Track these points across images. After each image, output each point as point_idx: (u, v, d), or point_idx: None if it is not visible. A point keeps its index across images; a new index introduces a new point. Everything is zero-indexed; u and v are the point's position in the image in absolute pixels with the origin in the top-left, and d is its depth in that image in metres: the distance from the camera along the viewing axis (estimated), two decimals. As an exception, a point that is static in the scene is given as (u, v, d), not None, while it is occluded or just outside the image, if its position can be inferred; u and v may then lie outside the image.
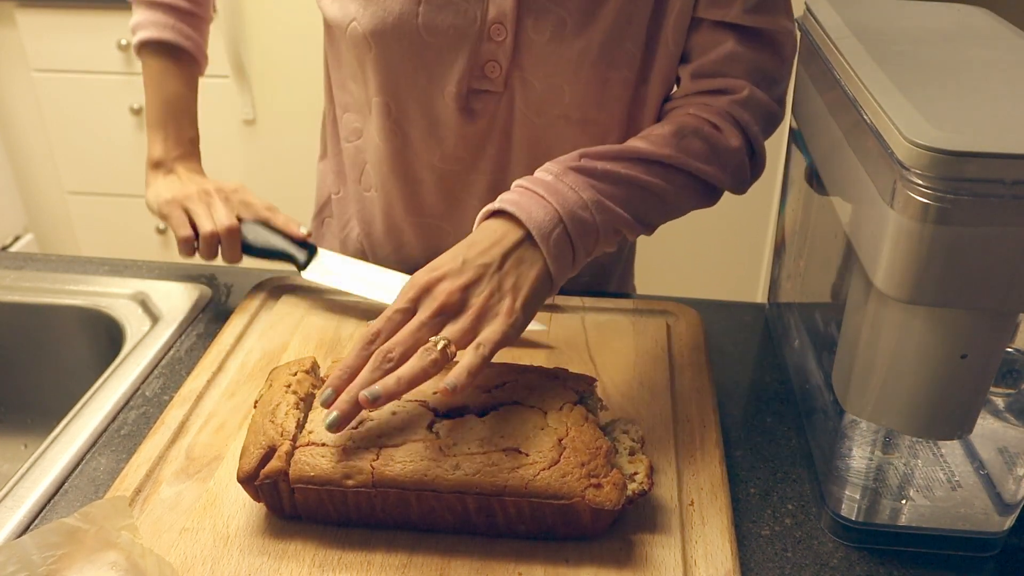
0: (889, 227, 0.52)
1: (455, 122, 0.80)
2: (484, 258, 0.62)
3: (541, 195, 0.64)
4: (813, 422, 0.71)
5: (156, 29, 0.86)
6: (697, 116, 0.75)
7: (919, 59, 0.63)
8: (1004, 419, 0.63)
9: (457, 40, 0.75)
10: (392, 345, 0.58)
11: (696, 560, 0.59)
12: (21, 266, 0.95)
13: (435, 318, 0.59)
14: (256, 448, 0.60)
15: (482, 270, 0.61)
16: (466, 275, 0.61)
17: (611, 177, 0.67)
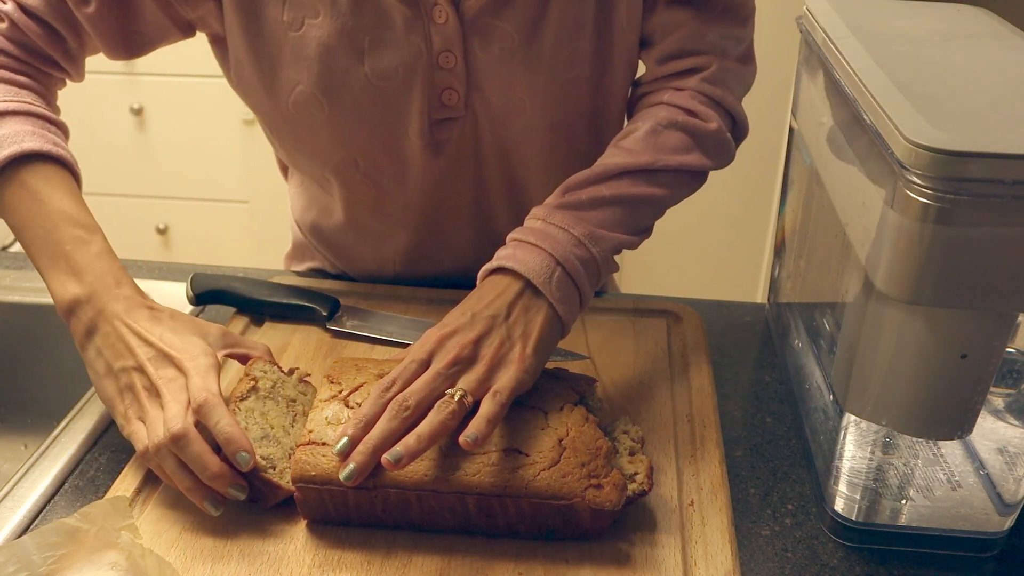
0: (889, 227, 0.52)
1: (425, 158, 0.79)
2: (491, 310, 0.62)
3: (533, 243, 0.65)
4: (813, 422, 0.71)
5: (41, 141, 0.69)
6: (670, 105, 0.75)
7: (919, 59, 0.63)
8: (1004, 419, 0.63)
9: (408, 78, 0.74)
10: (408, 394, 0.58)
11: (696, 560, 0.59)
12: (21, 266, 0.95)
13: (450, 368, 0.60)
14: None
15: (491, 322, 0.62)
16: (476, 328, 0.61)
17: (598, 202, 0.68)
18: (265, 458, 0.60)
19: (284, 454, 0.62)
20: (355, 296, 0.87)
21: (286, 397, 0.66)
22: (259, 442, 0.61)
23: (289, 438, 0.63)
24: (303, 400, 0.67)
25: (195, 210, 2.31)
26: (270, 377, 0.67)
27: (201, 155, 2.23)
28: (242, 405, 0.63)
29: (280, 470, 0.61)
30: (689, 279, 2.12)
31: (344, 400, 0.63)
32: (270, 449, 0.62)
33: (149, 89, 2.12)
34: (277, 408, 0.65)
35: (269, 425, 0.63)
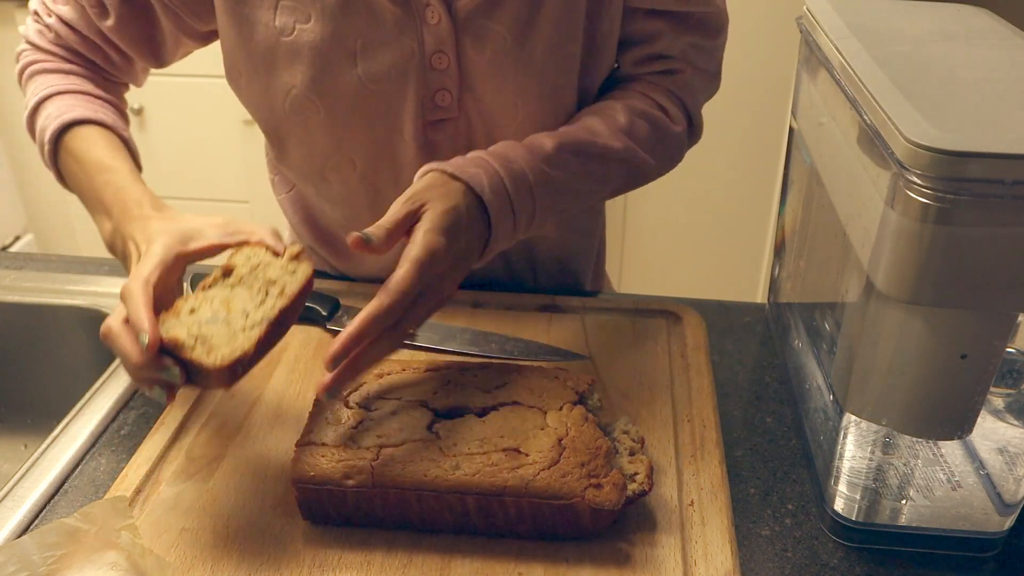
0: (889, 227, 0.52)
1: (419, 159, 0.78)
2: (463, 252, 0.64)
3: (497, 171, 0.68)
4: (813, 422, 0.71)
5: (81, 111, 0.76)
6: (645, 96, 0.79)
7: (919, 59, 0.63)
8: (1004, 419, 0.63)
9: (401, 80, 0.74)
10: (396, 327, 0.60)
11: (696, 560, 0.59)
12: (21, 266, 0.95)
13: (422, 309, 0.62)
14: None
15: (463, 265, 0.65)
16: (456, 272, 0.64)
17: (560, 164, 0.72)
18: (198, 337, 0.57)
19: (229, 335, 0.58)
20: (355, 296, 0.87)
21: (266, 279, 0.62)
22: (204, 324, 0.58)
23: (246, 319, 0.59)
24: (289, 280, 0.62)
25: (195, 210, 2.29)
26: (253, 262, 0.63)
27: (201, 155, 2.23)
28: (205, 293, 0.61)
29: (213, 349, 0.56)
30: (689, 279, 2.12)
31: (344, 400, 0.63)
32: (211, 329, 0.58)
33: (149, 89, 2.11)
34: (247, 292, 0.61)
35: (225, 309, 0.60)
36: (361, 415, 0.62)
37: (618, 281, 2.12)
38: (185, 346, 0.56)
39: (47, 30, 0.80)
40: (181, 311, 0.59)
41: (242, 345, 0.57)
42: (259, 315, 0.59)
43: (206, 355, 0.56)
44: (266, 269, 0.63)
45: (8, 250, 2.25)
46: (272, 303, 0.60)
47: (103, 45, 0.80)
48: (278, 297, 0.60)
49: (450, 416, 0.62)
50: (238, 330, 0.58)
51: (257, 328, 0.58)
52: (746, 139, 1.89)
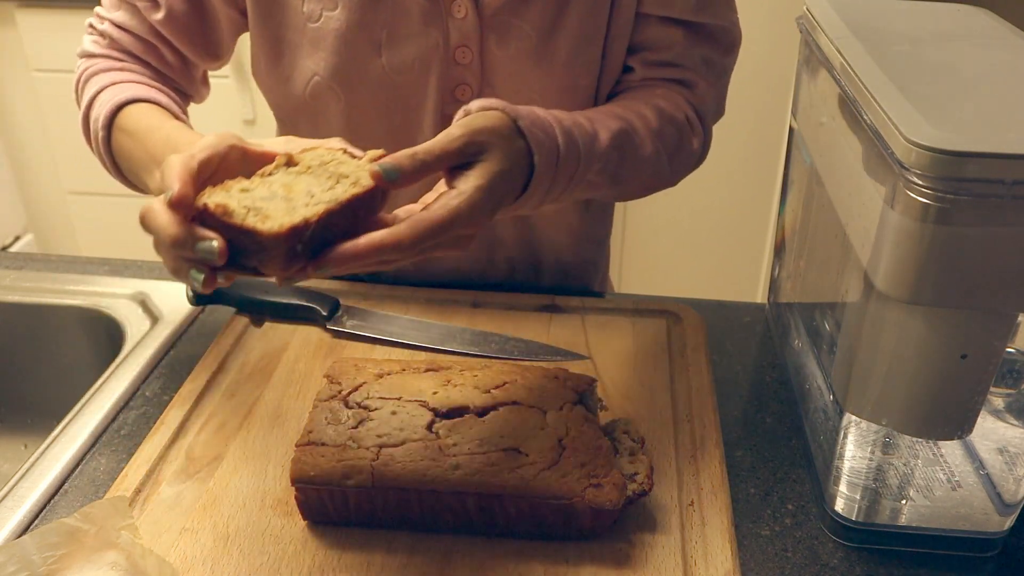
0: (889, 227, 0.52)
1: None
2: (496, 210, 0.58)
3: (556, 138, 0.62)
4: (813, 422, 0.71)
5: (129, 94, 0.74)
6: (669, 100, 0.76)
7: (919, 59, 0.63)
8: (1004, 419, 0.63)
9: (424, 72, 0.74)
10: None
11: (696, 560, 0.59)
12: (21, 266, 0.95)
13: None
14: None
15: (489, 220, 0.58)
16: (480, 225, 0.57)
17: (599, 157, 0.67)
18: (251, 208, 0.50)
19: (289, 209, 0.50)
20: (355, 296, 0.87)
21: (338, 173, 0.54)
22: (258, 199, 0.51)
23: (311, 199, 0.52)
24: (365, 176, 0.54)
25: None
26: (324, 159, 0.56)
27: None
28: (263, 177, 0.54)
29: (270, 218, 0.49)
30: (689, 279, 2.12)
31: (344, 400, 0.63)
32: (267, 204, 0.51)
33: (149, 89, 2.12)
34: (314, 180, 0.54)
35: (286, 191, 0.53)
36: (361, 415, 0.62)
37: (618, 281, 2.12)
38: (235, 213, 0.49)
39: (101, 37, 0.79)
40: (231, 187, 0.52)
41: (304, 214, 0.49)
42: (327, 196, 0.51)
43: (260, 222, 0.49)
44: (339, 166, 0.55)
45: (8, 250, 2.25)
46: (344, 188, 0.52)
47: (157, 43, 0.78)
48: (351, 185, 0.53)
49: (450, 416, 0.62)
50: (300, 205, 0.51)
51: (323, 205, 0.50)
52: (746, 139, 1.89)
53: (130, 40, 0.78)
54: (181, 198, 0.49)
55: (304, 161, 0.55)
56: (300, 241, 0.49)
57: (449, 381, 0.65)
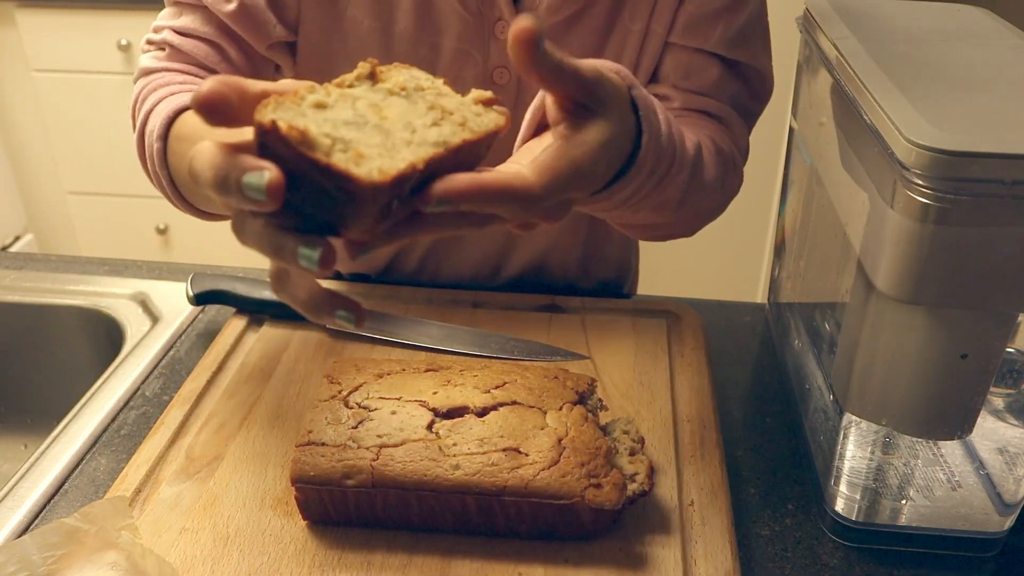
0: (889, 227, 0.52)
1: None
2: (584, 188, 0.50)
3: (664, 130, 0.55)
4: (813, 422, 0.71)
5: (179, 101, 0.66)
6: (717, 133, 0.71)
7: (919, 59, 0.63)
8: (1004, 419, 0.63)
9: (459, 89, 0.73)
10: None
11: (696, 560, 0.59)
12: (21, 266, 0.95)
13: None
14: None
15: (568, 199, 0.50)
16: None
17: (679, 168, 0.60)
18: (335, 137, 0.39)
19: (387, 146, 0.40)
20: (355, 296, 0.87)
21: (439, 106, 0.44)
22: (343, 125, 0.40)
23: (412, 134, 0.41)
24: (473, 118, 0.44)
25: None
26: (414, 82, 0.46)
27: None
28: (342, 90, 0.43)
29: (364, 159, 0.38)
30: (689, 279, 2.12)
31: (344, 400, 0.63)
32: (355, 134, 0.40)
33: (149, 89, 2.12)
34: (409, 106, 0.43)
35: (377, 116, 0.42)
36: (361, 415, 0.62)
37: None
38: (316, 144, 0.38)
39: (160, 50, 0.73)
40: (302, 101, 0.41)
41: (408, 158, 0.39)
42: (434, 135, 0.42)
43: (353, 163, 0.38)
44: (439, 98, 0.45)
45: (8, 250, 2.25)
46: (452, 129, 0.42)
47: (225, 43, 0.72)
48: (460, 127, 0.43)
49: (450, 416, 0.62)
50: (400, 143, 0.40)
51: (430, 148, 0.41)
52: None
53: (194, 44, 0.72)
54: (210, 96, 0.38)
55: (393, 78, 0.45)
56: (403, 187, 0.39)
57: (449, 381, 0.65)
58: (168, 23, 0.73)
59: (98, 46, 2.07)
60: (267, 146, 0.38)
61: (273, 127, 0.37)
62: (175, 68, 0.72)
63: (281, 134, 0.37)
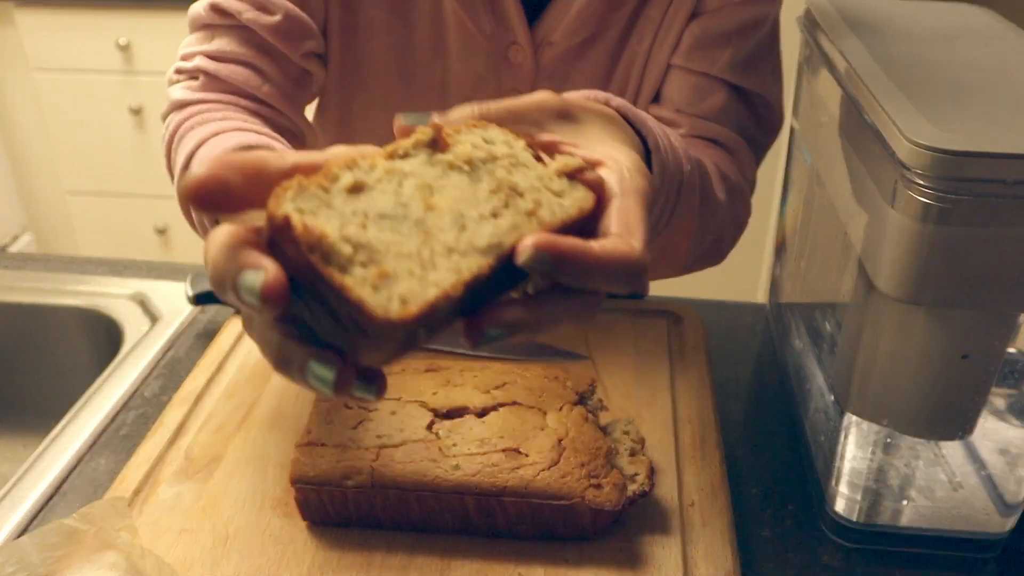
0: (890, 227, 0.51)
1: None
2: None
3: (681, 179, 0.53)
4: (813, 422, 0.71)
5: (253, 138, 0.60)
6: (724, 161, 0.67)
7: (920, 58, 0.63)
8: (1005, 420, 0.63)
9: (478, 72, 0.71)
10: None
11: (696, 561, 0.58)
12: (20, 266, 0.95)
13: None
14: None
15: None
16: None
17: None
18: (360, 246, 0.32)
19: (423, 256, 0.32)
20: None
21: (509, 182, 0.36)
22: (375, 219, 0.33)
23: (459, 232, 0.34)
24: (552, 200, 0.37)
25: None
26: (492, 149, 0.38)
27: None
28: (391, 163, 0.36)
29: (389, 280, 0.31)
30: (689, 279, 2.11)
31: (343, 400, 0.63)
32: (386, 237, 0.32)
33: (148, 89, 2.12)
34: (470, 184, 0.36)
35: (423, 202, 0.34)
36: (361, 415, 0.62)
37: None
38: (333, 251, 0.31)
39: (193, 79, 0.67)
40: (335, 183, 0.33)
41: (443, 282, 0.32)
42: (487, 235, 0.34)
43: (371, 287, 0.31)
44: (512, 169, 0.37)
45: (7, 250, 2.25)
46: (514, 222, 0.35)
47: (265, 67, 0.66)
48: (527, 217, 0.35)
49: (450, 416, 0.62)
50: (440, 251, 0.33)
51: (477, 258, 0.33)
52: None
53: (232, 69, 0.66)
54: (203, 184, 0.32)
55: (461, 144, 0.37)
56: (427, 324, 0.32)
57: (449, 381, 0.65)
58: (199, 48, 0.67)
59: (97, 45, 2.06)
60: (278, 244, 0.32)
61: (285, 223, 0.31)
62: (212, 99, 0.65)
63: (293, 234, 0.31)
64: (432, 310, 0.31)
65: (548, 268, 0.33)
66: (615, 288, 0.36)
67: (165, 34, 2.05)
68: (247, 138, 0.59)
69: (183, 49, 0.68)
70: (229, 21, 0.66)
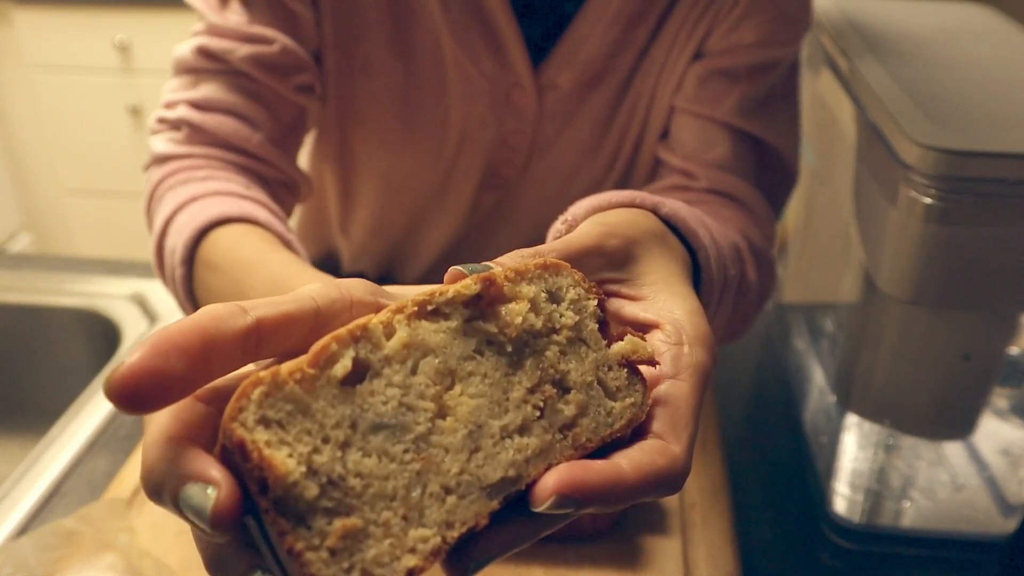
0: (892, 227, 0.51)
1: (463, 211, 0.75)
2: None
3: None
4: (814, 423, 0.70)
5: (233, 205, 0.55)
6: (750, 226, 0.59)
7: (923, 58, 0.63)
8: (1008, 420, 0.63)
9: (471, 149, 0.70)
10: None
11: (697, 562, 0.58)
12: (18, 266, 0.95)
13: None
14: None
15: None
16: None
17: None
18: (332, 480, 0.25)
19: (398, 496, 0.26)
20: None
21: (550, 376, 0.29)
22: (361, 436, 0.26)
23: (464, 466, 0.27)
24: (592, 416, 0.30)
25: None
26: (563, 309, 0.30)
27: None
28: (412, 329, 0.27)
29: (352, 529, 0.25)
30: (688, 279, 2.11)
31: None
32: (368, 463, 0.25)
33: (147, 89, 2.12)
34: (503, 373, 0.28)
35: (433, 409, 0.27)
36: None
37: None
38: (295, 496, 0.24)
39: (176, 131, 0.61)
40: (327, 371, 0.26)
41: (425, 544, 0.26)
42: (505, 463, 0.28)
43: (327, 552, 0.24)
44: (569, 350, 0.30)
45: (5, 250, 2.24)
46: (542, 443, 0.28)
47: (254, 114, 0.61)
48: (563, 436, 0.29)
49: (450, 417, 0.61)
50: (435, 492, 0.26)
51: (479, 503, 0.27)
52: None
53: (219, 121, 0.60)
54: (132, 381, 0.25)
55: (514, 308, 0.29)
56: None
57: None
58: (183, 96, 0.61)
59: (95, 44, 2.06)
60: (230, 456, 0.25)
61: (239, 447, 0.24)
62: (196, 153, 0.60)
63: (248, 464, 0.24)
64: (419, 569, 0.25)
65: (572, 509, 0.28)
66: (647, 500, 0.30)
67: (163, 33, 2.04)
68: (227, 207, 0.54)
69: (166, 95, 0.63)
70: (216, 66, 0.61)
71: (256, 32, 0.60)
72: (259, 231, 0.54)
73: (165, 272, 0.58)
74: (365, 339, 0.26)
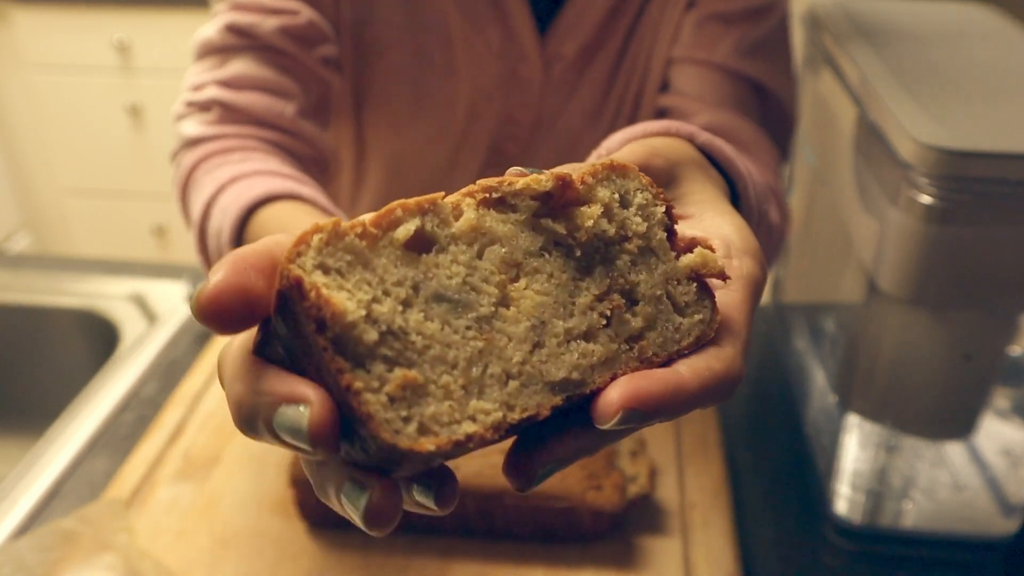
0: (893, 227, 0.51)
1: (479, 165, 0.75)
2: None
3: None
4: (815, 423, 0.70)
5: (278, 184, 0.55)
6: (768, 172, 0.59)
7: (924, 58, 0.63)
8: (1009, 420, 0.62)
9: (477, 126, 0.71)
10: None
11: (698, 562, 0.58)
12: (17, 266, 0.95)
13: None
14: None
15: None
16: None
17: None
18: (386, 327, 0.24)
19: (459, 364, 0.25)
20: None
21: (618, 286, 0.28)
22: (423, 300, 0.25)
23: (526, 357, 0.26)
24: (659, 330, 0.29)
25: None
26: (633, 214, 0.29)
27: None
28: (478, 215, 0.27)
29: (403, 387, 0.24)
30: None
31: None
32: (430, 325, 0.25)
33: (146, 88, 2.12)
34: (570, 278, 0.28)
35: (499, 293, 0.26)
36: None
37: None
38: (353, 337, 0.24)
39: (205, 112, 0.61)
40: (389, 233, 0.25)
41: (486, 417, 0.26)
42: (569, 363, 0.27)
43: (386, 397, 0.24)
44: (639, 260, 0.29)
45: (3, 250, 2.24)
46: (611, 351, 0.28)
47: (286, 85, 0.61)
48: (630, 347, 0.28)
49: (450, 417, 0.61)
50: (497, 372, 0.26)
51: (541, 394, 0.26)
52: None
53: (251, 98, 0.59)
54: (222, 297, 0.25)
55: (588, 211, 0.28)
56: (448, 456, 0.26)
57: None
58: (211, 76, 0.60)
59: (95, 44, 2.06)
60: (287, 308, 0.24)
61: (296, 286, 0.23)
62: (230, 133, 0.59)
63: (303, 303, 0.23)
64: (457, 448, 0.25)
65: (636, 422, 0.27)
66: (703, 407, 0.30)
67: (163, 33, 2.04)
68: (272, 186, 0.54)
69: (191, 79, 0.62)
70: (245, 42, 0.60)
71: (280, 4, 0.60)
72: (307, 207, 0.53)
73: (211, 255, 0.56)
74: (433, 213, 0.26)
